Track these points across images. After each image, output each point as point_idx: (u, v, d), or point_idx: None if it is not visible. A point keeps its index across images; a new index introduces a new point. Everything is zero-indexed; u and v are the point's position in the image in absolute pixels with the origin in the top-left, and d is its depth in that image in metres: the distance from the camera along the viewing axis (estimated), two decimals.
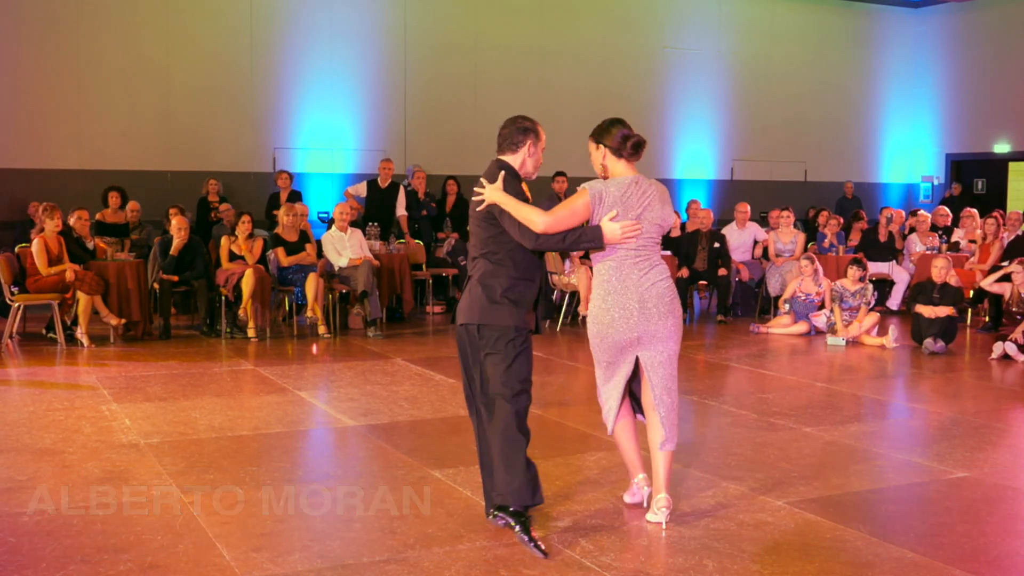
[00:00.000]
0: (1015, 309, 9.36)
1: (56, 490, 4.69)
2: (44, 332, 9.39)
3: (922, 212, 13.19)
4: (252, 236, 9.93)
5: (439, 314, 11.41)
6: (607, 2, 15.15)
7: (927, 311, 9.17)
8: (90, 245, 9.80)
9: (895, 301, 11.89)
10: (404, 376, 7.69)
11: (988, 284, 9.96)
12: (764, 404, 6.79)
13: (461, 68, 14.15)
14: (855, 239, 12.70)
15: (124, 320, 9.25)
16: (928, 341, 9.00)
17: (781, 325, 10.17)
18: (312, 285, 9.54)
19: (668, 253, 11.04)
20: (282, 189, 12.26)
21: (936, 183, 17.49)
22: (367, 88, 13.67)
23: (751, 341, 9.73)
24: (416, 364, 8.21)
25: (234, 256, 9.72)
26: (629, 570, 3.79)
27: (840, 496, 4.73)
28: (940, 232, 12.84)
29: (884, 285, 12.03)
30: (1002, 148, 16.52)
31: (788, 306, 10.25)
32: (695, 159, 15.90)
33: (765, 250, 11.86)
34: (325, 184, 13.41)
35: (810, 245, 12.32)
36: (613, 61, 15.11)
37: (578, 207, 4.10)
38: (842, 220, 13.03)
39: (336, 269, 9.95)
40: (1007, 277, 9.68)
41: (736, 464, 5.26)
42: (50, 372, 7.89)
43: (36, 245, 8.96)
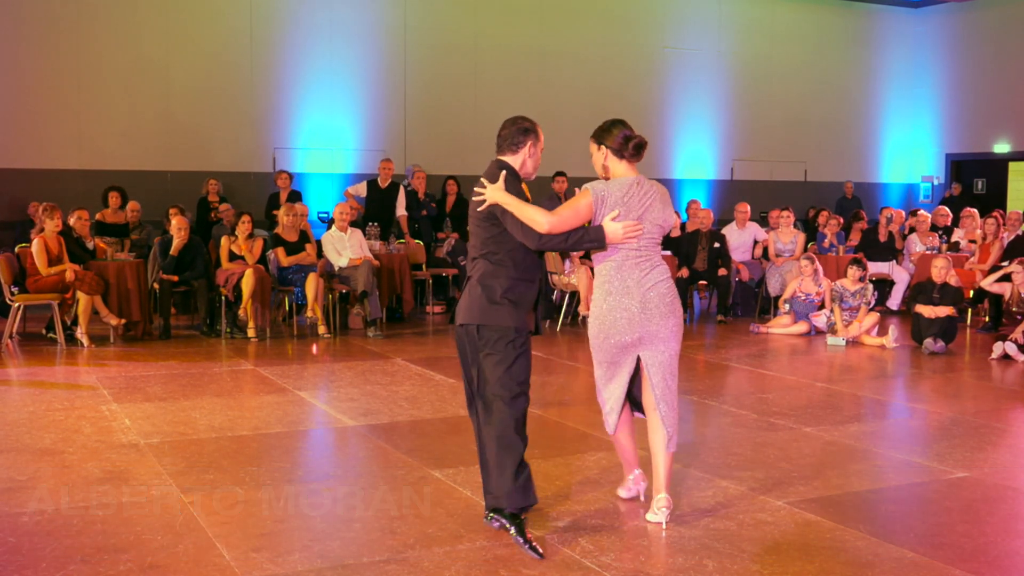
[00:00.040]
0: (1015, 309, 9.36)
1: (56, 490, 4.69)
2: (44, 332, 9.40)
3: (922, 212, 13.19)
4: (252, 236, 9.94)
5: (439, 314, 11.41)
6: (607, 2, 15.16)
7: (927, 311, 9.17)
8: (90, 245, 9.80)
9: (895, 301, 11.89)
10: (404, 376, 7.69)
11: (988, 284, 9.96)
12: (764, 404, 6.79)
13: (461, 68, 14.16)
14: (855, 239, 12.70)
15: (124, 320, 9.25)
16: (928, 341, 9.00)
17: (781, 325, 10.17)
18: (312, 285, 9.54)
19: (668, 253, 11.04)
20: (282, 189, 12.26)
21: (936, 183, 17.49)
22: (367, 88, 13.67)
23: (751, 341, 9.73)
24: (416, 364, 8.21)
25: (234, 256, 9.72)
26: (629, 570, 3.79)
27: (840, 496, 4.73)
28: (940, 232, 12.84)
29: (884, 285, 12.03)
30: (1002, 148, 16.52)
31: (788, 306, 10.25)
32: (695, 159, 15.90)
33: (765, 250, 11.86)
34: (325, 184, 13.41)
35: (810, 245, 12.31)
36: (613, 61, 15.11)
37: (581, 207, 4.10)
38: (842, 220, 13.03)
39: (336, 269, 9.95)
40: (1007, 277, 9.68)
41: (736, 464, 5.26)
42: (50, 372, 7.89)
43: (36, 245, 8.96)
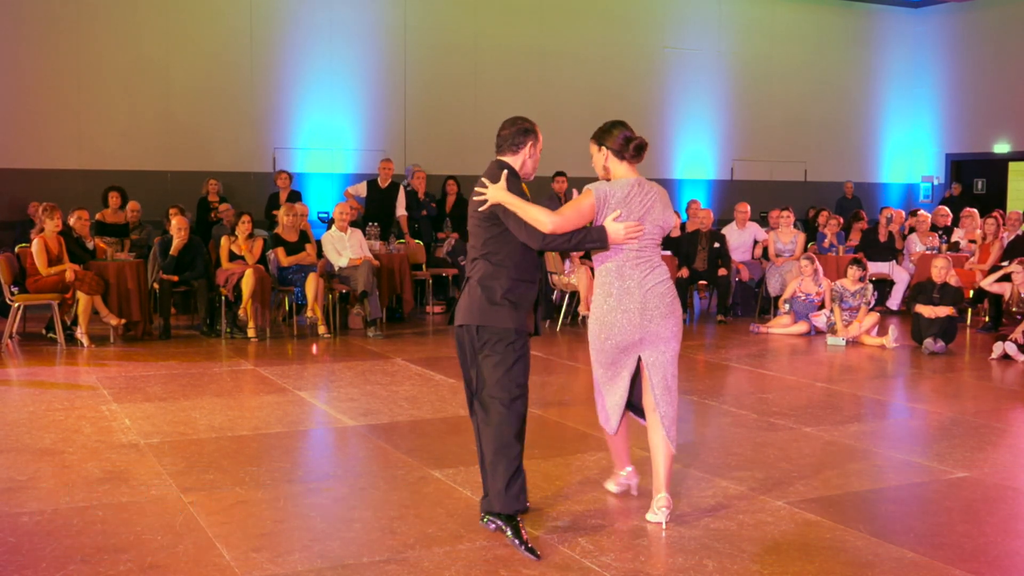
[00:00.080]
0: (1015, 309, 9.36)
1: (56, 490, 4.69)
2: (44, 332, 9.40)
3: (922, 212, 13.19)
4: (252, 236, 9.94)
5: (439, 314, 11.41)
6: (607, 2, 15.16)
7: (927, 311, 9.17)
8: (90, 245, 9.80)
9: (895, 301, 11.89)
10: (404, 376, 7.69)
11: (988, 284, 9.96)
12: (764, 404, 6.79)
13: (461, 68, 14.16)
14: (855, 239, 12.70)
15: (124, 320, 9.25)
16: (928, 341, 9.00)
17: (781, 325, 10.17)
18: (312, 285, 9.54)
19: (668, 253, 11.04)
20: (281, 189, 12.26)
21: (936, 183, 17.49)
22: (367, 88, 13.67)
23: (751, 341, 9.73)
24: (416, 364, 8.21)
25: (234, 256, 9.72)
26: (629, 570, 3.79)
27: (840, 496, 4.73)
28: (940, 232, 12.84)
29: (884, 285, 12.03)
30: (1002, 148, 16.52)
31: (788, 306, 10.25)
32: (695, 159, 15.90)
33: (765, 250, 11.86)
34: (325, 184, 13.41)
35: (810, 245, 12.31)
36: (613, 61, 15.11)
37: (584, 207, 4.11)
38: (842, 220, 13.03)
39: (336, 269, 9.95)
40: (1007, 277, 9.68)
41: (736, 464, 5.26)
42: (50, 372, 7.89)
43: (36, 245, 8.96)
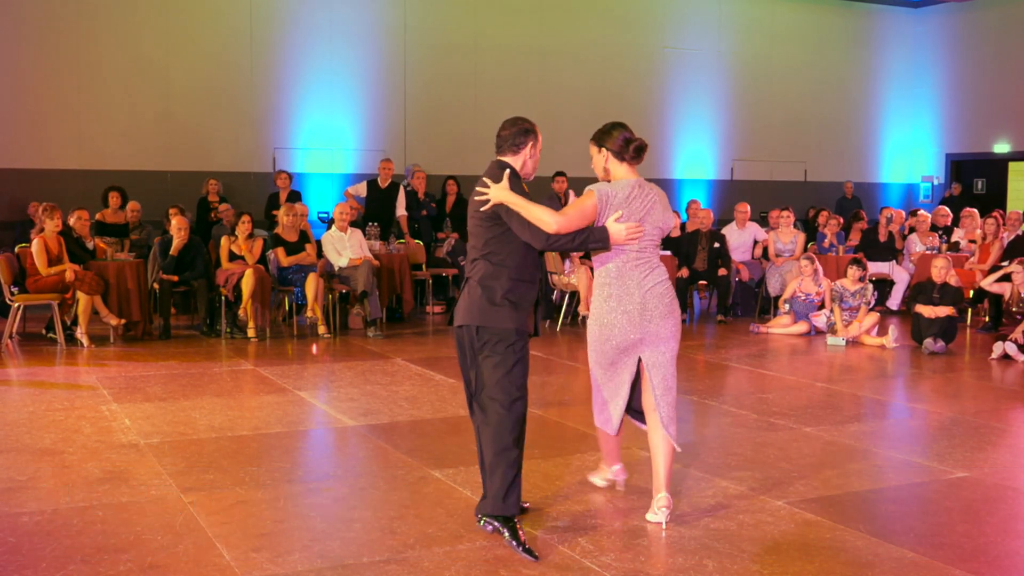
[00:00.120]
0: (1015, 309, 9.36)
1: (56, 490, 4.69)
2: (44, 332, 9.40)
3: (922, 212, 13.19)
4: (252, 236, 9.94)
5: (439, 314, 11.41)
6: (607, 2, 15.15)
7: (927, 311, 9.17)
8: (90, 245, 9.80)
9: (895, 301, 11.89)
10: (404, 376, 7.69)
11: (988, 284, 9.96)
12: (764, 404, 6.79)
13: (461, 68, 14.16)
14: (855, 239, 12.70)
15: (124, 320, 9.25)
16: (928, 341, 9.00)
17: (781, 325, 10.17)
18: (312, 285, 9.54)
19: (668, 253, 11.04)
20: (281, 189, 12.26)
21: (936, 183, 17.49)
22: (367, 88, 13.67)
23: (751, 341, 9.73)
24: (416, 364, 8.21)
25: (234, 256, 9.72)
26: (629, 570, 3.79)
27: (840, 496, 4.73)
28: (940, 232, 12.84)
29: (884, 285, 12.03)
30: (1002, 148, 16.52)
31: (788, 306, 10.25)
32: (695, 159, 15.90)
33: (765, 250, 11.86)
34: (325, 184, 13.41)
35: (810, 245, 12.32)
36: (613, 61, 15.11)
37: (587, 208, 4.12)
38: (842, 220, 13.03)
39: (336, 269, 9.95)
40: (1007, 277, 9.68)
41: (736, 464, 5.26)
42: (50, 372, 7.89)
43: (36, 245, 8.96)
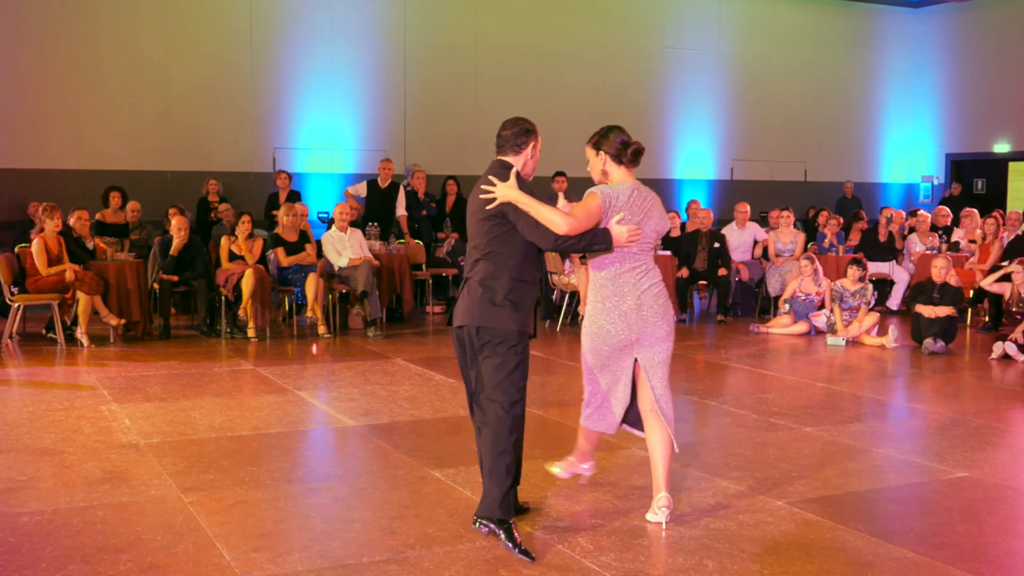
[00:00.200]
0: (1015, 309, 9.36)
1: (56, 490, 4.69)
2: (44, 332, 9.40)
3: (922, 212, 13.20)
4: (252, 236, 9.94)
5: (439, 314, 11.41)
6: (607, 2, 15.15)
7: (927, 311, 9.17)
8: (90, 245, 9.81)
9: (895, 301, 11.89)
10: (404, 376, 7.69)
11: (988, 284, 9.96)
12: (764, 404, 6.79)
13: (461, 68, 14.16)
14: (855, 239, 12.70)
15: (124, 320, 9.25)
16: (928, 341, 9.00)
17: (781, 325, 10.17)
18: (312, 285, 9.54)
19: (668, 253, 11.05)
20: (281, 189, 12.26)
21: (936, 183, 17.49)
22: (367, 88, 13.67)
23: (751, 341, 9.73)
24: (416, 364, 8.21)
25: (234, 256, 9.72)
26: (629, 570, 3.79)
27: (840, 496, 4.73)
28: (940, 232, 12.84)
29: (884, 285, 12.03)
30: (1002, 148, 16.52)
31: (788, 306, 10.25)
32: (695, 159, 15.90)
33: (765, 250, 11.86)
34: (325, 184, 13.41)
35: (810, 245, 12.32)
36: (613, 61, 15.11)
37: (593, 210, 4.12)
38: (842, 220, 13.04)
39: (336, 269, 9.95)
40: (1007, 277, 9.68)
41: (736, 464, 5.26)
42: (50, 372, 7.89)
43: (36, 245, 8.96)
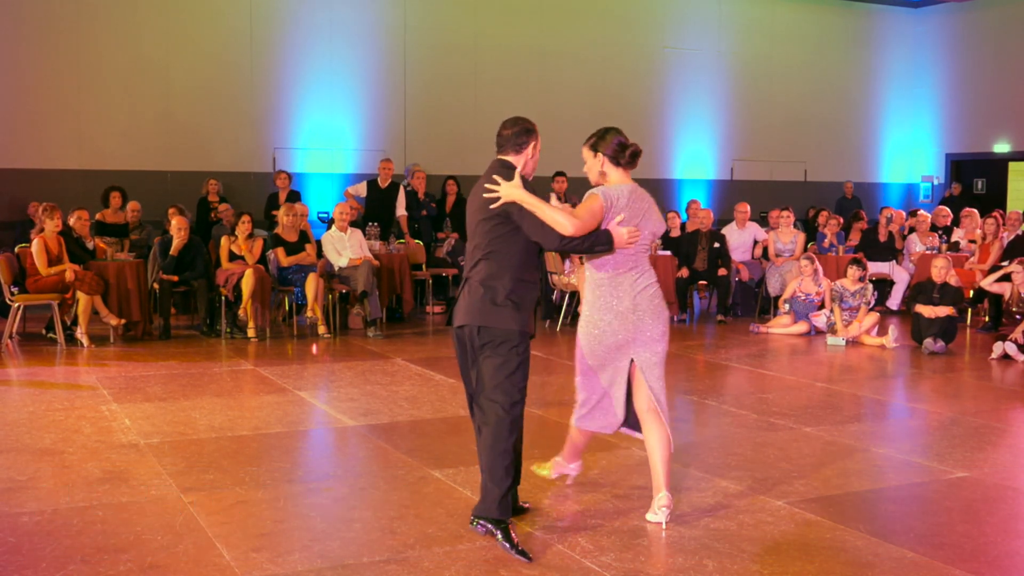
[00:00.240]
0: (1015, 309, 9.36)
1: (56, 490, 4.69)
2: (44, 332, 9.39)
3: (922, 212, 13.20)
4: (252, 236, 9.94)
5: (439, 314, 11.41)
6: (607, 2, 15.15)
7: (927, 311, 9.17)
8: (90, 245, 9.80)
9: (895, 301, 11.89)
10: (404, 376, 7.69)
11: (988, 284, 9.96)
12: (764, 404, 6.79)
13: (461, 68, 14.16)
14: (855, 239, 12.70)
15: (124, 320, 9.25)
16: (928, 341, 9.00)
17: (781, 325, 10.17)
18: (312, 285, 9.54)
19: (668, 253, 11.05)
20: (281, 189, 12.26)
21: (936, 183, 17.49)
22: (367, 88, 13.67)
23: (751, 341, 9.73)
24: (416, 364, 8.21)
25: (234, 256, 9.72)
26: (629, 570, 3.79)
27: (840, 496, 4.73)
28: (940, 232, 12.84)
29: (884, 285, 12.03)
30: (1002, 148, 16.52)
31: (788, 306, 10.25)
32: (695, 159, 15.90)
33: (765, 250, 11.86)
34: (325, 184, 13.41)
35: (810, 245, 12.32)
36: (613, 61, 15.11)
37: (596, 211, 4.13)
38: (842, 220, 13.03)
39: (336, 269, 9.95)
40: (1007, 277, 9.68)
41: (736, 464, 5.26)
42: (50, 372, 7.89)
43: (36, 245, 8.96)
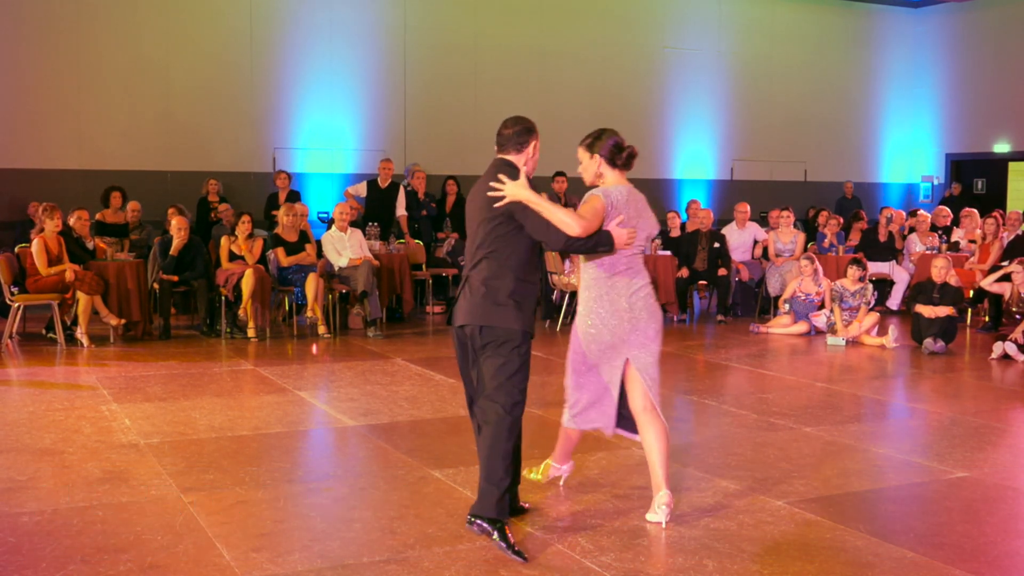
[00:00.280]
0: (1015, 309, 9.36)
1: (56, 490, 4.69)
2: (44, 332, 9.39)
3: (922, 212, 13.20)
4: (252, 236, 9.94)
5: (439, 314, 11.41)
6: (607, 2, 15.15)
7: (927, 311, 9.17)
8: (90, 245, 9.80)
9: (895, 301, 11.89)
10: (404, 376, 7.69)
11: (988, 284, 9.96)
12: (764, 404, 6.79)
13: (461, 68, 14.16)
14: (855, 239, 12.70)
15: (124, 320, 9.25)
16: (928, 341, 9.00)
17: (781, 325, 10.17)
18: (312, 285, 9.54)
19: (668, 253, 11.05)
20: (280, 189, 12.26)
21: (936, 183, 17.49)
22: (367, 88, 13.67)
23: (751, 341, 9.73)
24: (416, 364, 8.21)
25: (234, 256, 9.72)
26: (629, 570, 3.79)
27: (840, 496, 4.73)
28: (940, 232, 12.84)
29: (884, 285, 12.03)
30: (1002, 148, 16.52)
31: (788, 306, 10.25)
32: (695, 159, 15.90)
33: (765, 250, 11.86)
34: (325, 184, 13.41)
35: (810, 245, 12.32)
36: (613, 61, 15.11)
37: (600, 211, 4.14)
38: (842, 220, 13.03)
39: (336, 269, 9.95)
40: (1007, 277, 9.68)
41: (736, 464, 5.26)
42: (50, 372, 7.89)
43: (36, 245, 8.96)
